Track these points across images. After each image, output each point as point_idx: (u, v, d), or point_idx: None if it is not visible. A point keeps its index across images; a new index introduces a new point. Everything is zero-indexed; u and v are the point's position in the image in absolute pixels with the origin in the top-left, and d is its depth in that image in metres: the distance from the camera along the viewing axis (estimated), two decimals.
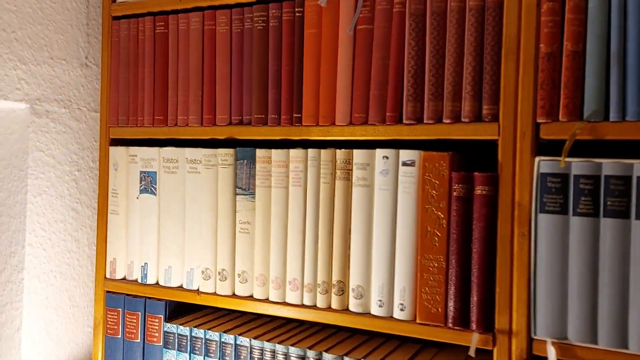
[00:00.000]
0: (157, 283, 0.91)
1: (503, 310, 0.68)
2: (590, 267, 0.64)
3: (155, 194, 0.91)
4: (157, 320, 0.92)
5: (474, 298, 0.69)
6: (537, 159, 0.67)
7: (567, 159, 0.65)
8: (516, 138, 0.68)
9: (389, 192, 0.74)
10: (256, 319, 0.92)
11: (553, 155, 0.66)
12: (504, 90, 0.68)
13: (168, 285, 0.90)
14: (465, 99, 0.71)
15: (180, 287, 0.90)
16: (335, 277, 0.77)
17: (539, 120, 0.67)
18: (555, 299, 0.66)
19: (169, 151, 0.90)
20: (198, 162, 0.88)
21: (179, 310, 0.94)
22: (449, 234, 0.71)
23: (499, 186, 0.68)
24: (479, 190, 0.69)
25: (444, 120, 0.72)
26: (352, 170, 0.77)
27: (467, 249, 0.70)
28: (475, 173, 0.70)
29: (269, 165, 0.82)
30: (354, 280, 0.76)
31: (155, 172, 0.91)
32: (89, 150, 1.02)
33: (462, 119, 0.71)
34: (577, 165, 0.65)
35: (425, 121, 0.73)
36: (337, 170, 0.78)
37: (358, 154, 0.76)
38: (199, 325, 0.89)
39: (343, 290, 0.77)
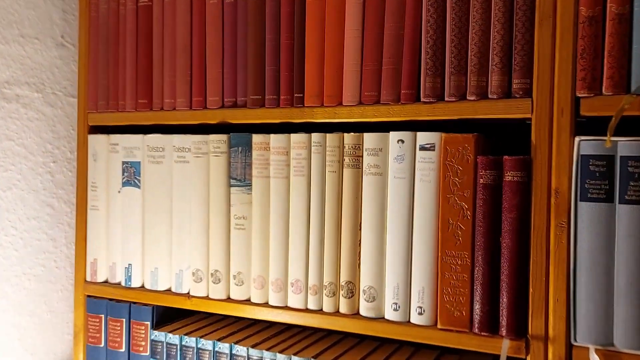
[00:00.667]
0: (142, 286, 0.82)
1: (538, 313, 0.59)
2: None
3: (139, 187, 0.82)
4: (143, 328, 0.82)
5: (504, 299, 0.61)
6: (577, 139, 0.58)
7: (613, 138, 0.56)
8: (552, 116, 0.59)
9: (404, 181, 0.65)
10: (254, 325, 0.83)
11: (595, 135, 0.58)
12: (537, 61, 0.60)
13: (155, 288, 0.81)
14: (493, 73, 0.62)
15: (169, 290, 0.80)
16: (343, 278, 0.68)
17: (579, 95, 0.58)
18: (599, 299, 0.57)
19: (154, 138, 0.81)
20: (187, 150, 0.78)
21: (167, 316, 0.84)
22: (474, 227, 0.62)
23: (533, 171, 0.60)
24: (509, 176, 0.61)
25: (468, 98, 0.63)
26: (362, 156, 0.68)
27: (495, 243, 0.61)
28: (505, 157, 0.61)
29: (267, 152, 0.73)
30: (365, 281, 0.67)
31: (139, 162, 0.82)
32: (65, 140, 0.92)
33: (490, 96, 0.62)
34: (625, 146, 0.56)
35: (446, 99, 0.64)
36: (345, 157, 0.69)
37: (369, 138, 0.67)
38: (190, 332, 0.80)
39: (353, 292, 0.68)
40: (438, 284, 0.64)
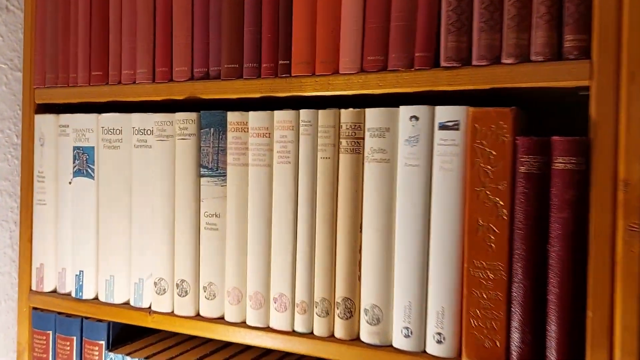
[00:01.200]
0: (96, 298, 0.67)
1: (599, 346, 0.44)
2: None
3: (92, 177, 0.67)
4: (97, 348, 0.68)
5: (553, 326, 0.46)
6: None
7: None
8: (619, 82, 0.44)
9: (419, 169, 0.50)
10: (229, 347, 0.68)
11: None
12: (599, 11, 0.45)
13: (110, 301, 0.66)
14: (538, 27, 0.47)
15: (127, 303, 0.66)
16: (340, 293, 0.54)
17: None
18: None
19: (110, 118, 0.66)
20: (148, 132, 0.63)
21: (126, 334, 0.70)
22: (512, 229, 0.47)
23: (593, 156, 0.45)
24: (560, 163, 0.46)
25: (504, 60, 0.48)
26: (363, 138, 0.53)
27: (540, 251, 0.46)
28: (555, 137, 0.46)
29: (244, 134, 0.58)
30: (368, 298, 0.52)
31: (93, 147, 0.67)
32: (11, 121, 0.77)
33: (532, 57, 0.47)
34: None
35: (474, 62, 0.49)
36: (342, 140, 0.54)
37: (373, 115, 0.52)
38: (153, 355, 0.65)
39: (351, 312, 0.53)
40: (463, 304, 0.49)
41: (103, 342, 0.68)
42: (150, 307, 0.63)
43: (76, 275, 0.68)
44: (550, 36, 0.47)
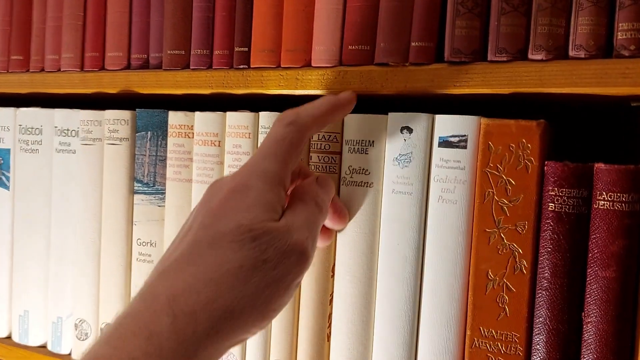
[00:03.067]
0: (8, 337, 0.55)
1: None
2: None
3: (7, 187, 0.54)
4: None
5: None
6: None
7: None
8: None
9: (410, 199, 0.38)
10: None
11: None
12: None
13: (24, 342, 0.53)
14: (580, 10, 0.34)
15: (44, 347, 0.53)
16: (302, 356, 0.41)
17: None
18: None
19: (29, 114, 0.53)
20: (73, 133, 0.50)
21: None
22: (533, 288, 0.35)
23: None
24: (605, 201, 0.33)
25: (532, 56, 0.35)
26: (340, 152, 0.40)
27: (573, 321, 0.34)
28: (599, 164, 0.33)
29: (189, 140, 0.45)
30: None
31: (9, 149, 0.54)
32: None
33: (572, 53, 0.34)
34: None
35: (490, 57, 0.36)
36: (312, 154, 0.41)
37: (353, 124, 0.40)
38: None
39: None
40: None
41: None
42: (70, 355, 0.51)
43: None
44: (597, 23, 0.34)
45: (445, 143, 0.37)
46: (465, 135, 0.36)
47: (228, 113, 0.43)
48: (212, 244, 0.30)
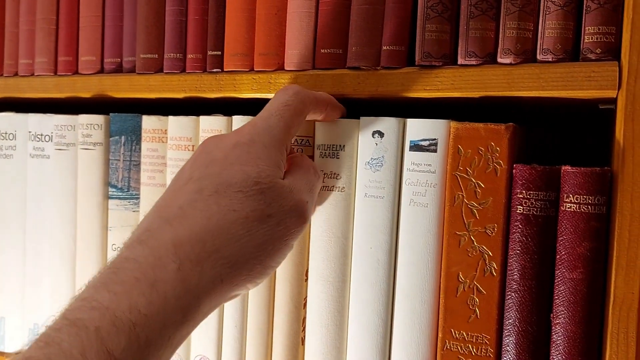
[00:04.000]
0: None
1: None
2: None
3: None
4: None
5: None
6: None
7: None
8: None
9: (382, 203, 0.38)
10: None
11: None
12: None
13: (0, 349, 0.53)
14: (548, 14, 0.34)
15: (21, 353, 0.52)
16: None
17: None
18: None
19: (3, 119, 0.52)
20: (47, 138, 0.50)
21: None
22: (503, 290, 0.35)
23: (617, 196, 0.32)
24: (572, 203, 0.33)
25: (500, 60, 0.35)
26: (312, 157, 0.40)
27: (541, 323, 0.34)
28: (566, 167, 0.34)
29: (163, 145, 0.45)
30: None
31: None
32: None
33: (540, 56, 0.35)
34: None
35: (460, 62, 0.36)
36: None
37: (323, 128, 0.40)
38: None
39: None
40: None
41: None
42: None
43: None
44: (564, 27, 0.34)
45: (416, 147, 0.37)
46: (435, 139, 0.37)
47: (201, 117, 0.43)
48: (217, 193, 0.29)
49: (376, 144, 0.38)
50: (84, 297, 0.27)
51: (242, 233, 0.29)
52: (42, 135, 0.50)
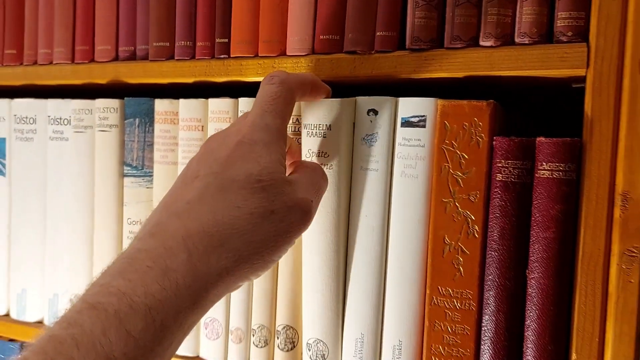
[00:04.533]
0: (7, 314, 0.58)
1: None
2: None
3: (4, 174, 0.57)
4: None
5: None
6: None
7: None
8: (623, 71, 0.36)
9: (377, 175, 0.42)
10: None
11: None
12: None
13: (22, 318, 0.56)
14: (524, 3, 0.38)
15: (41, 322, 0.56)
16: (280, 321, 0.45)
17: None
18: None
19: (23, 105, 0.56)
20: (65, 122, 0.54)
21: None
22: (484, 251, 0.39)
23: (586, 163, 0.36)
24: (545, 170, 0.37)
25: (482, 43, 0.39)
26: (311, 134, 0.44)
27: (518, 278, 0.38)
28: (540, 138, 0.38)
29: (174, 126, 0.49)
30: (310, 331, 0.43)
31: (4, 138, 0.57)
32: None
33: (517, 39, 0.38)
34: None
35: (447, 45, 0.40)
36: (290, 134, 0.45)
37: (309, 108, 0.43)
38: None
39: (294, 343, 0.44)
40: (424, 337, 0.40)
41: None
42: None
43: None
44: (539, 12, 0.38)
45: (407, 123, 0.41)
46: (424, 116, 0.40)
47: (210, 100, 0.47)
48: (222, 189, 0.31)
49: (371, 121, 0.42)
50: (101, 283, 0.28)
51: (247, 228, 0.30)
52: (60, 119, 0.54)
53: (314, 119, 0.42)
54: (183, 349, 0.49)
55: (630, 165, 0.35)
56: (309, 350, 0.43)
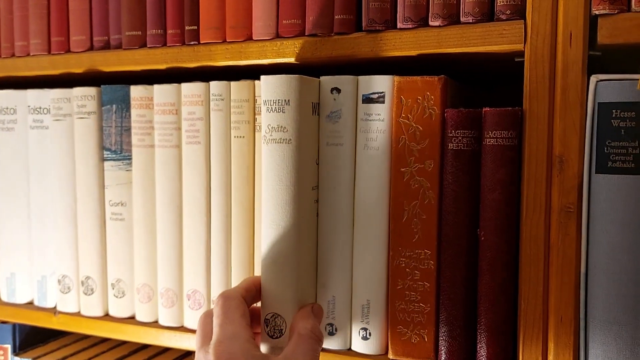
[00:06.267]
0: None
1: (532, 340, 0.40)
2: None
3: None
4: (1, 352, 0.61)
5: (483, 319, 0.41)
6: (593, 79, 0.38)
7: None
8: (556, 45, 0.39)
9: (342, 149, 0.45)
10: (145, 349, 0.62)
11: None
12: None
13: (12, 301, 0.59)
14: None
15: (31, 303, 0.59)
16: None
17: (596, 11, 0.38)
18: (624, 317, 0.38)
19: (3, 95, 0.58)
20: (45, 111, 0.56)
21: (35, 337, 0.63)
22: (440, 213, 0.43)
23: (526, 130, 0.40)
24: (491, 138, 0.41)
25: (432, 23, 0.42)
26: (271, 110, 0.47)
27: (471, 237, 0.42)
28: (485, 109, 0.41)
29: (149, 111, 0.51)
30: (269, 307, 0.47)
31: None
32: None
33: (462, 19, 0.42)
34: None
35: (399, 26, 0.43)
36: (257, 116, 0.48)
37: (268, 84, 0.46)
38: (63, 358, 0.59)
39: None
40: (388, 295, 0.44)
41: (8, 346, 0.61)
42: (55, 307, 0.57)
43: None
44: None
45: (367, 99, 0.44)
46: (383, 92, 0.44)
47: (183, 84, 0.50)
48: None
49: (334, 99, 0.45)
50: None
51: None
52: (40, 108, 0.56)
53: (273, 95, 0.42)
54: (168, 320, 0.52)
55: (565, 129, 0.39)
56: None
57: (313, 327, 0.39)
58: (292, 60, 0.46)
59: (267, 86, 0.42)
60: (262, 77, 0.43)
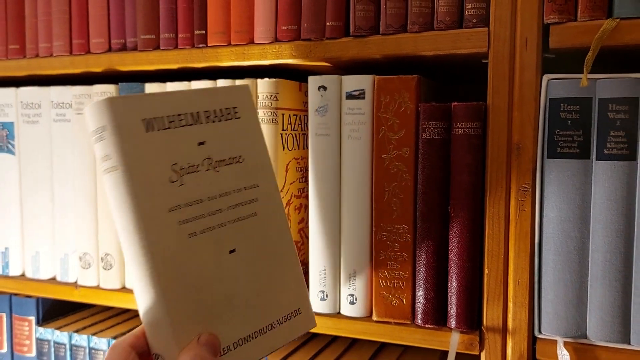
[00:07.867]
0: (23, 274, 0.67)
1: (494, 300, 0.47)
2: (623, 236, 0.44)
3: (13, 153, 0.66)
4: (27, 324, 0.68)
5: (453, 283, 0.48)
6: (545, 78, 0.45)
7: (591, 76, 0.43)
8: (515, 48, 0.46)
9: (329, 139, 0.52)
10: None
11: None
12: None
13: (37, 277, 0.66)
14: None
15: (54, 279, 0.66)
16: None
17: (547, 20, 0.45)
18: (571, 281, 0.45)
19: (28, 92, 0.64)
20: (67, 106, 0.62)
21: (59, 309, 0.70)
22: (416, 194, 0.49)
23: (489, 121, 0.47)
24: (459, 128, 0.47)
25: (410, 28, 0.49)
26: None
27: (442, 213, 0.48)
28: (454, 103, 0.48)
29: None
30: None
31: (12, 122, 0.66)
32: None
33: (436, 25, 0.48)
34: (605, 85, 0.43)
35: (382, 31, 0.50)
36: (259, 110, 0.54)
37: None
38: (82, 329, 0.66)
39: None
40: (372, 265, 0.51)
41: (33, 318, 0.68)
42: (76, 282, 0.63)
43: (2, 252, 0.67)
44: (452, 4, 0.48)
45: (350, 96, 0.51)
46: (363, 90, 0.50)
47: (192, 82, 0.56)
48: None
49: (321, 95, 0.52)
50: None
51: None
52: (63, 103, 0.62)
53: (92, 125, 0.38)
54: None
55: (522, 121, 0.46)
56: None
57: (195, 356, 0.35)
58: (289, 61, 0.53)
59: (87, 117, 0.37)
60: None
